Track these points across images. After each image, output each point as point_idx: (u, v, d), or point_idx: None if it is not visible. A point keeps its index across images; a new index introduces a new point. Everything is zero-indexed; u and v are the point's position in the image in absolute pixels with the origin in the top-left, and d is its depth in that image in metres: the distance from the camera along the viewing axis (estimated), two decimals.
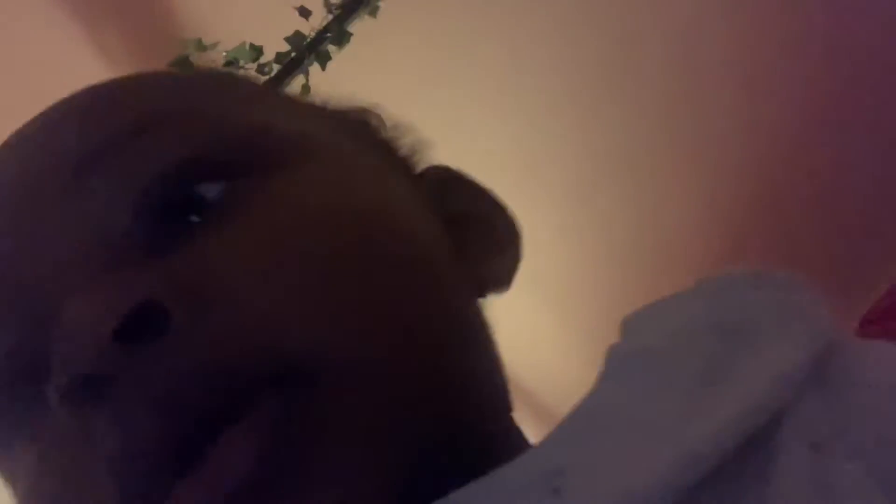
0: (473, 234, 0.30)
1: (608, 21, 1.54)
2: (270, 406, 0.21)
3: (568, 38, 1.55)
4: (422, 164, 0.33)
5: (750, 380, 0.21)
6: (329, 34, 1.24)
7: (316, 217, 0.25)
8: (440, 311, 0.26)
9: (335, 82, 1.34)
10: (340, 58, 1.27)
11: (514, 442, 0.27)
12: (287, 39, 1.23)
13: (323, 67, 1.25)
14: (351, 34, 1.25)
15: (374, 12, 1.28)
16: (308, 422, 0.22)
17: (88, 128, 0.26)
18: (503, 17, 1.53)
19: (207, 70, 0.27)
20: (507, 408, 0.28)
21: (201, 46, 1.18)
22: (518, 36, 1.53)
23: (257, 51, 1.20)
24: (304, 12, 1.20)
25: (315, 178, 0.26)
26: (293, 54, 1.24)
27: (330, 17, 1.24)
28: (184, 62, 1.17)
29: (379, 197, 0.27)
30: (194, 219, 0.24)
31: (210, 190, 0.24)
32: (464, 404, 0.25)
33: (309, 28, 1.23)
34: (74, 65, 1.44)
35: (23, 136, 0.28)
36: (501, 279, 0.31)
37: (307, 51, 1.23)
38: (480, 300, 0.30)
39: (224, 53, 1.19)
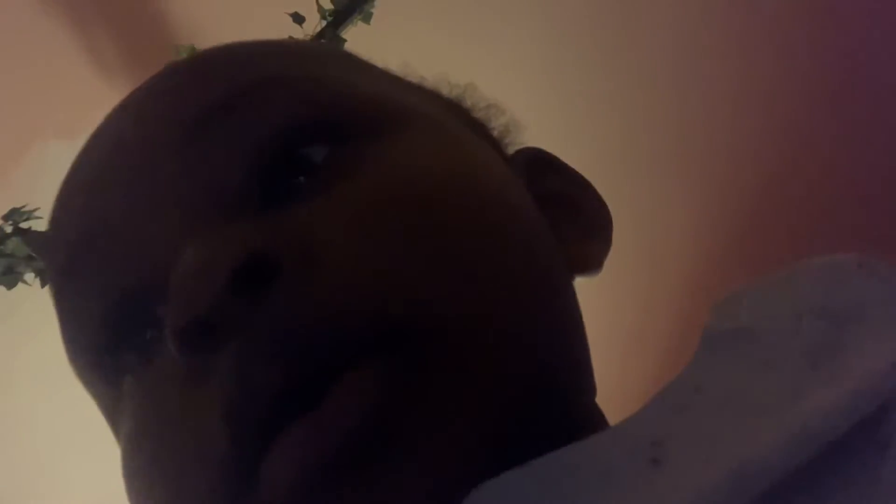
0: (563, 214, 0.31)
1: (602, 23, 1.55)
2: (383, 359, 0.23)
3: (563, 43, 1.55)
4: (514, 147, 0.34)
5: (861, 364, 0.20)
6: (323, 40, 1.24)
7: (420, 181, 0.26)
8: (540, 278, 0.27)
9: None
10: None
11: (598, 422, 0.28)
12: None
13: None
14: (345, 40, 1.25)
15: (367, 18, 1.28)
16: (421, 375, 0.23)
17: (204, 88, 0.27)
18: (496, 23, 1.53)
19: (316, 41, 0.30)
20: (592, 388, 0.29)
21: (194, 52, 1.18)
22: (511, 41, 1.54)
23: None
24: (298, 18, 1.20)
25: (417, 145, 0.27)
26: None
27: (324, 23, 1.24)
28: None
29: (478, 165, 0.28)
30: (302, 179, 0.26)
31: (317, 152, 0.26)
32: (560, 373, 0.26)
33: (302, 34, 1.23)
34: (66, 70, 1.44)
35: (140, 95, 0.29)
36: (591, 261, 0.31)
37: None
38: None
39: None
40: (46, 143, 1.46)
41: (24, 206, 1.11)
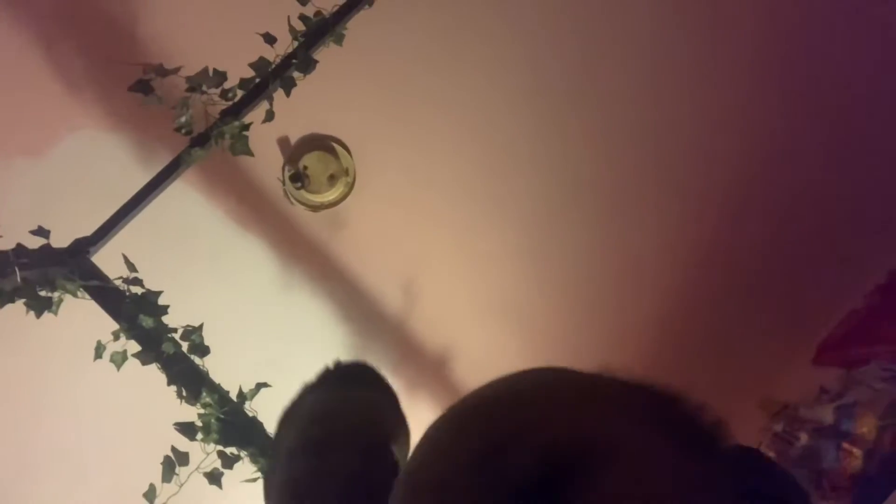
0: None
1: (574, 49, 1.56)
2: None
3: (535, 66, 1.57)
4: (724, 441, 0.38)
5: None
6: (295, 61, 1.24)
7: None
8: None
9: (300, 109, 1.34)
10: (305, 84, 1.27)
11: None
12: (251, 65, 1.23)
13: (287, 94, 1.24)
14: (317, 61, 1.25)
15: (339, 40, 1.28)
16: None
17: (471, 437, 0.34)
18: (470, 43, 1.54)
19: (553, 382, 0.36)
20: None
21: (162, 71, 1.17)
22: (485, 59, 1.55)
23: (220, 76, 1.19)
24: (270, 39, 1.20)
25: (629, 479, 0.33)
26: (257, 80, 1.23)
27: (295, 43, 1.24)
28: (144, 86, 1.16)
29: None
30: None
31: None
32: None
33: (274, 54, 1.23)
34: (31, 88, 1.42)
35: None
36: None
37: (272, 77, 1.23)
38: None
39: (186, 78, 1.18)
40: (11, 161, 1.44)
41: None
